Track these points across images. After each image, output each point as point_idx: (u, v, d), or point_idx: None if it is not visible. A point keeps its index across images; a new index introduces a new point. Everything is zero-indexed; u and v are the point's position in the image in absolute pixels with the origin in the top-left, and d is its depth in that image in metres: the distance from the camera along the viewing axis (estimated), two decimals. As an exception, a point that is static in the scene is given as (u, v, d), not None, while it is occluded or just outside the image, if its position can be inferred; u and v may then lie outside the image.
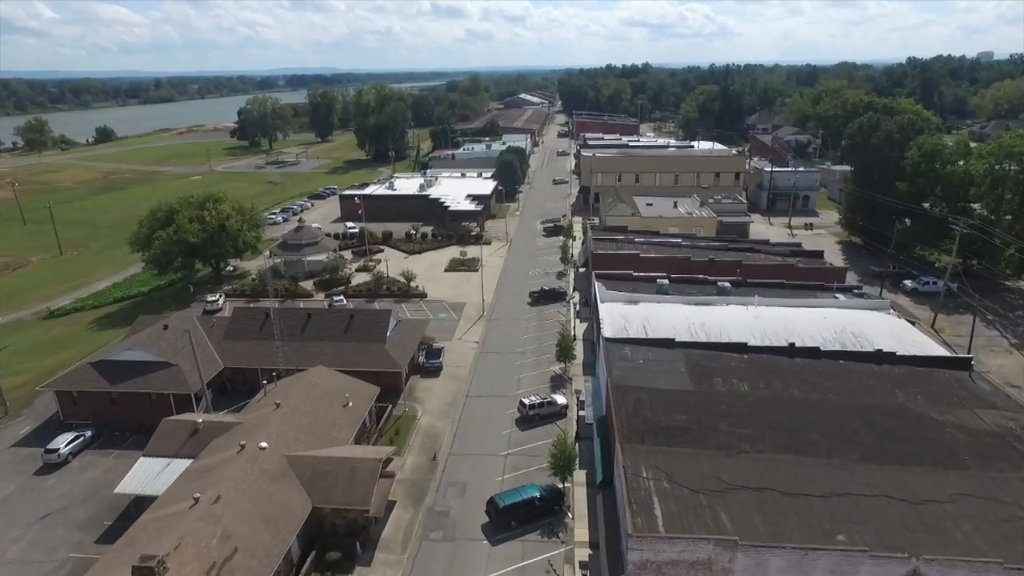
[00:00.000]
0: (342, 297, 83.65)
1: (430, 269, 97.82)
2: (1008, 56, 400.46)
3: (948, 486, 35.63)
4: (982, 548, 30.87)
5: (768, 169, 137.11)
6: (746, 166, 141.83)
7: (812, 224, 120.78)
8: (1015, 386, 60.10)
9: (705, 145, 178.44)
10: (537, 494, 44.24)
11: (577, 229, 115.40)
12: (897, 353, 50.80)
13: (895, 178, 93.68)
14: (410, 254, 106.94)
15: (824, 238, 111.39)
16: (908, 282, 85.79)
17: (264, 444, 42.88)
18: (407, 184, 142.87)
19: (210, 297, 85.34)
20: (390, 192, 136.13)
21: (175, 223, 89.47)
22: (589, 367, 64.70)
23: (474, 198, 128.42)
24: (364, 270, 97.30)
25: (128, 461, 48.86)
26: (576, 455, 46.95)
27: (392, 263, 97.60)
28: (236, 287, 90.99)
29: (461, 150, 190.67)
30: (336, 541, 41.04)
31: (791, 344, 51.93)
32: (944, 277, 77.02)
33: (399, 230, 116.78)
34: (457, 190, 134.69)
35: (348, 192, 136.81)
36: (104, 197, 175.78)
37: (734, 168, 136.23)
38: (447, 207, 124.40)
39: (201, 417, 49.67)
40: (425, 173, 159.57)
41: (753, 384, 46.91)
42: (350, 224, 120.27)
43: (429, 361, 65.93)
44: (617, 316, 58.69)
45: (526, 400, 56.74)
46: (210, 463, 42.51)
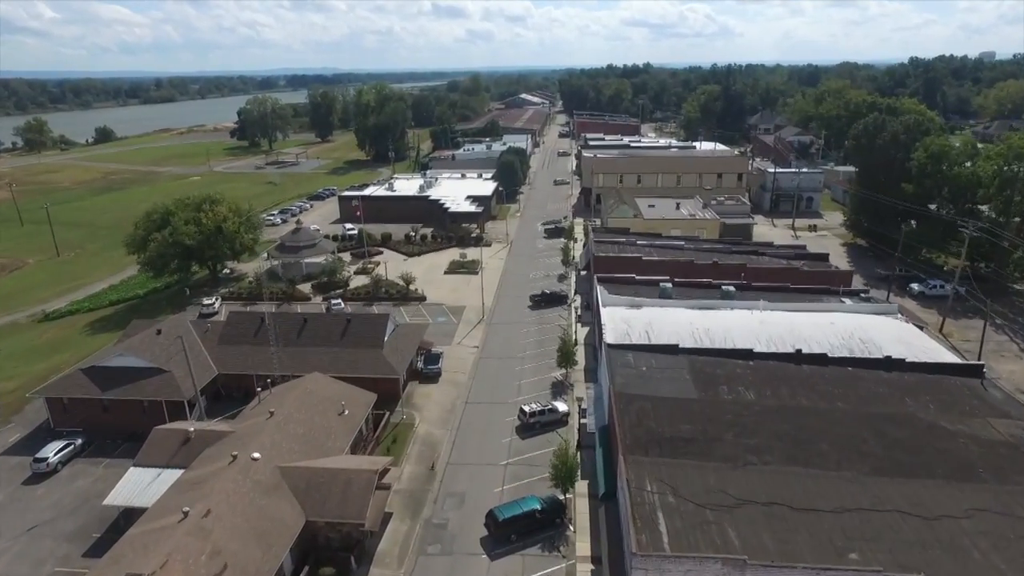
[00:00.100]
0: (340, 300, 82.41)
1: (429, 271, 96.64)
2: (1011, 56, 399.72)
3: (963, 500, 34.46)
4: (1001, 567, 29.74)
5: (771, 170, 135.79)
6: (749, 167, 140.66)
7: (816, 226, 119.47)
8: (1026, 393, 58.83)
9: (707, 146, 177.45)
10: (538, 506, 42.98)
11: (578, 231, 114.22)
12: (907, 360, 49.64)
13: (901, 179, 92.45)
14: (409, 256, 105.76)
15: (828, 240, 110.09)
16: (915, 285, 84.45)
17: (257, 455, 41.74)
18: (407, 185, 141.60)
19: (206, 300, 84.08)
20: (389, 193, 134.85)
21: (171, 225, 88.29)
22: (591, 373, 63.45)
23: (474, 199, 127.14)
24: (363, 272, 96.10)
25: (119, 470, 47.85)
26: (578, 465, 45.73)
27: (391, 265, 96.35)
28: (233, 290, 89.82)
29: (461, 151, 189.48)
30: (330, 556, 39.80)
31: (798, 350, 50.69)
32: (953, 281, 75.73)
33: (398, 232, 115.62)
34: (457, 191, 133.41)
35: (347, 193, 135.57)
36: (103, 198, 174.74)
37: (737, 169, 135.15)
38: (447, 208, 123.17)
39: (193, 426, 48.51)
40: (425, 174, 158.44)
41: (759, 392, 45.73)
42: (349, 226, 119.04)
43: (428, 367, 64.66)
44: (619, 321, 57.49)
45: (526, 407, 55.45)
46: (201, 474, 41.34)
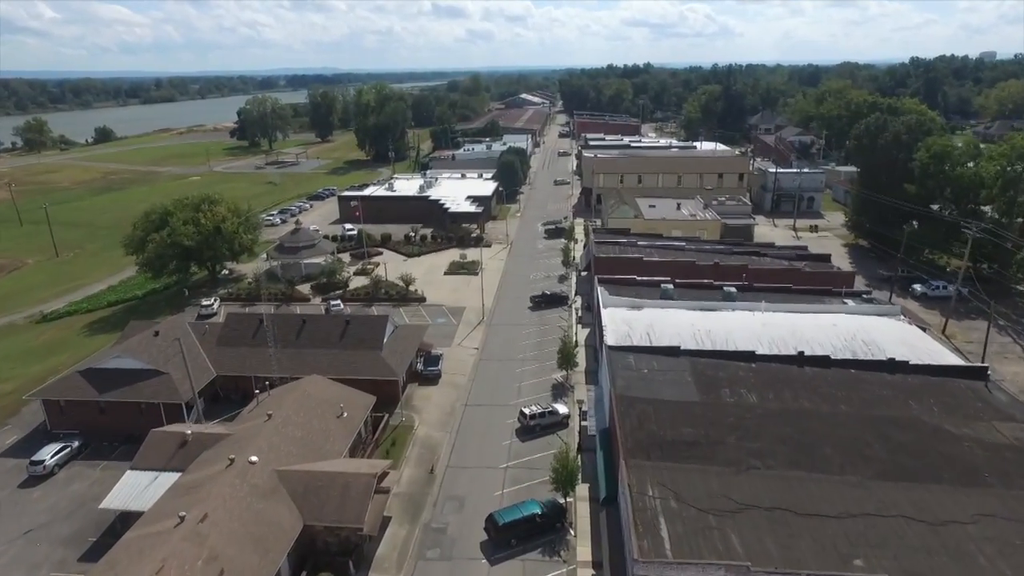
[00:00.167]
0: (339, 301, 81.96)
1: (429, 272, 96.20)
2: (1012, 56, 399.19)
3: (969, 506, 34.00)
4: (1007, 574, 29.27)
5: (772, 170, 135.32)
6: (750, 167, 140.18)
7: (817, 226, 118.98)
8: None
9: (708, 146, 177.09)
10: (538, 511, 42.53)
11: (579, 231, 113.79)
12: (910, 362, 49.10)
13: (903, 180, 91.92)
14: (409, 257, 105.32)
15: (830, 241, 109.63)
16: (917, 286, 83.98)
17: (254, 458, 41.29)
18: (406, 185, 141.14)
19: (204, 301, 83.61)
20: (389, 193, 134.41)
21: (169, 226, 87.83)
22: (591, 375, 63.01)
23: (474, 199, 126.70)
24: (362, 273, 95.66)
25: (116, 473, 47.46)
26: (578, 469, 45.27)
27: (391, 266, 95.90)
28: (232, 291, 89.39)
29: (461, 151, 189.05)
30: (328, 560, 39.37)
31: (800, 352, 50.14)
32: (956, 282, 75.28)
33: (398, 232, 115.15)
34: (457, 191, 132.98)
35: (347, 193, 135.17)
36: (102, 198, 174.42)
37: (738, 169, 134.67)
38: (447, 209, 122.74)
39: (190, 428, 48.08)
40: (425, 174, 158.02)
41: (762, 395, 45.27)
42: (348, 226, 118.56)
43: (427, 368, 64.22)
44: (620, 322, 57.04)
45: (527, 410, 54.99)
46: (198, 478, 40.91)
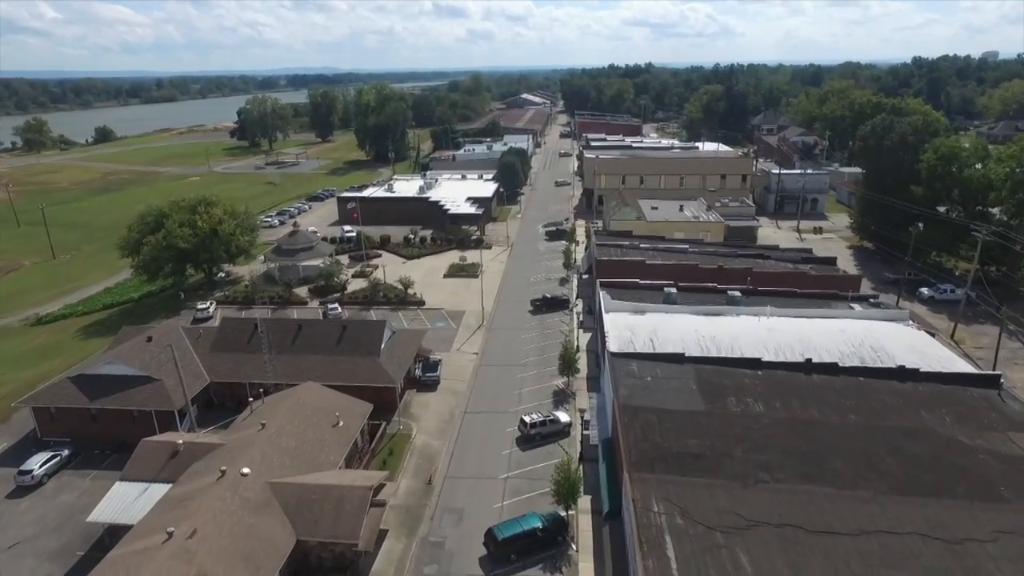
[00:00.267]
0: (337, 305, 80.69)
1: (429, 275, 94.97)
2: (1015, 56, 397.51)
3: (986, 523, 32.70)
4: (1030, 597, 28.00)
5: (776, 171, 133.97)
6: (753, 168, 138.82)
7: (821, 228, 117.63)
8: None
9: (710, 146, 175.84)
10: (539, 524, 41.21)
11: (580, 233, 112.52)
12: (920, 369, 47.79)
13: (909, 181, 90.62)
14: (408, 259, 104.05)
15: (834, 243, 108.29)
16: (925, 290, 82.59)
17: (246, 470, 40.07)
18: (406, 186, 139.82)
19: (200, 304, 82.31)
20: (389, 194, 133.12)
21: (165, 228, 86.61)
22: (593, 382, 61.70)
23: (475, 201, 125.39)
24: (361, 276, 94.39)
25: (106, 483, 46.22)
26: (580, 480, 43.99)
27: (390, 269, 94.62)
28: (228, 294, 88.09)
29: (462, 151, 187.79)
30: (322, 576, 38.25)
31: (807, 360, 48.94)
32: (966, 285, 73.94)
33: (397, 234, 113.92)
34: (457, 192, 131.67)
35: (346, 195, 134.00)
36: (101, 198, 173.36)
37: (741, 170, 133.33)
38: (447, 210, 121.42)
39: (182, 438, 46.82)
40: (425, 175, 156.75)
41: (769, 404, 43.98)
42: (347, 228, 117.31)
43: (426, 375, 62.95)
44: (623, 328, 55.81)
45: (527, 418, 53.69)
46: (188, 490, 39.70)
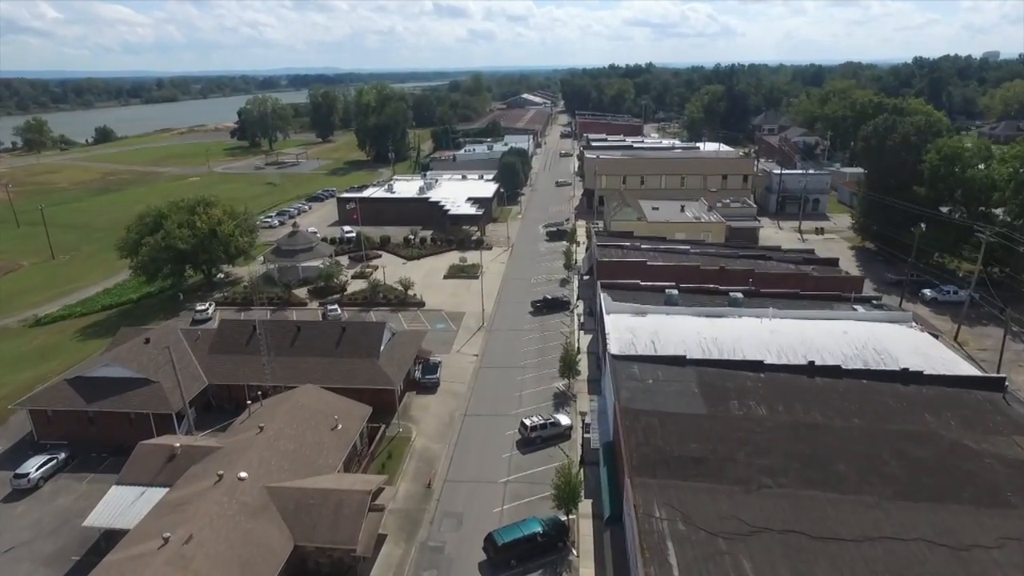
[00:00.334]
0: (336, 306, 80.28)
1: (428, 276, 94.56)
2: (1016, 56, 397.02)
3: (993, 529, 32.23)
4: (1038, 606, 27.55)
5: (777, 171, 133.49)
6: (754, 168, 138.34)
7: (823, 229, 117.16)
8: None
9: (711, 146, 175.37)
10: (539, 529, 40.79)
11: (581, 234, 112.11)
12: (924, 372, 47.36)
13: (912, 182, 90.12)
14: (408, 260, 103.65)
15: (836, 243, 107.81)
16: (928, 291, 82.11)
17: (244, 474, 39.68)
18: (406, 187, 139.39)
19: (199, 306, 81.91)
20: (389, 195, 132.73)
21: (164, 228, 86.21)
22: (594, 384, 61.25)
23: (475, 201, 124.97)
24: (360, 277, 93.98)
25: (103, 486, 45.83)
26: (581, 484, 43.55)
27: (390, 270, 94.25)
28: (228, 295, 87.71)
29: (462, 151, 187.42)
30: (320, 582, 37.83)
31: (810, 362, 48.48)
32: (970, 287, 73.45)
33: (397, 234, 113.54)
34: (458, 193, 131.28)
35: (346, 195, 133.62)
36: (101, 199, 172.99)
37: (742, 170, 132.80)
38: (447, 211, 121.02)
39: (179, 441, 46.44)
40: (425, 175, 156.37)
41: (771, 407, 43.51)
42: (347, 228, 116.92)
43: (425, 377, 62.56)
44: (624, 330, 55.36)
45: (527, 421, 53.27)
46: (185, 495, 39.30)
